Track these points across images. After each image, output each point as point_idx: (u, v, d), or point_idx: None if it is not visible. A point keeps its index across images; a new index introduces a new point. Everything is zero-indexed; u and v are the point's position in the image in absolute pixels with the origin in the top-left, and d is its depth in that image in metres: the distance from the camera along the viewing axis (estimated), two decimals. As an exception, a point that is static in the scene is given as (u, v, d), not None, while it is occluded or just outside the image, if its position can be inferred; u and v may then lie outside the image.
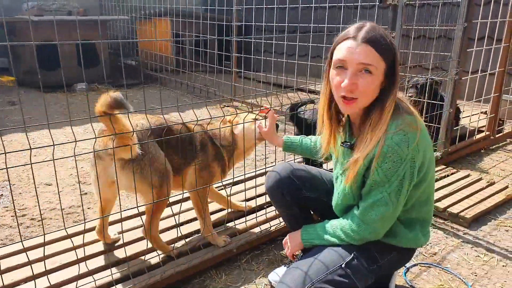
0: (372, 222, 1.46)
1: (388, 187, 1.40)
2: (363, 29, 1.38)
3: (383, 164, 1.38)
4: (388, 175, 1.38)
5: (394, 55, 1.40)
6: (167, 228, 2.27)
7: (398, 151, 1.36)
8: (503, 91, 4.13)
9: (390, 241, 1.56)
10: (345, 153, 1.56)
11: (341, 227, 1.55)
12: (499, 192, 2.98)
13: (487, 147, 4.11)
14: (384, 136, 1.37)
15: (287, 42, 5.19)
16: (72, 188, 2.96)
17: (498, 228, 2.63)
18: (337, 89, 1.41)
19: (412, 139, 1.37)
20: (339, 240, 1.54)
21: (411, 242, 1.58)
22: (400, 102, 1.47)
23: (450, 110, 3.41)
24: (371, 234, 1.49)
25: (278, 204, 1.84)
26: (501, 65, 4.03)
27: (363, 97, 1.39)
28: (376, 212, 1.44)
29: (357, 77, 1.36)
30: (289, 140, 1.98)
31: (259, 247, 2.31)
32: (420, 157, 1.40)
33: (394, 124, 1.39)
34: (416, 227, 1.58)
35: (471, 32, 3.37)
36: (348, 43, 1.37)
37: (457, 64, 3.32)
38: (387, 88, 1.41)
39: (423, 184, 1.49)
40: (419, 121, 1.45)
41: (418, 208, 1.55)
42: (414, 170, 1.40)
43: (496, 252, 2.37)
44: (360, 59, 1.35)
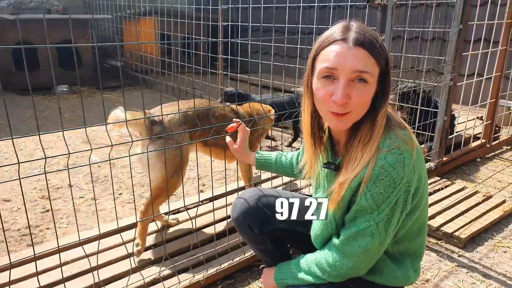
0: (354, 255, 1.21)
1: (376, 215, 1.16)
2: (351, 30, 1.13)
3: (373, 188, 1.14)
4: (378, 201, 1.14)
5: (387, 58, 1.16)
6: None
7: (392, 173, 1.11)
8: (499, 96, 3.93)
9: (374, 279, 1.32)
10: (329, 176, 1.31)
11: (316, 262, 1.31)
12: (496, 208, 2.77)
13: (483, 156, 3.90)
14: (376, 155, 1.14)
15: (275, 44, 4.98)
16: (33, 205, 2.72)
17: (495, 249, 2.41)
18: (325, 104, 1.16)
19: (408, 159, 1.13)
20: (314, 278, 1.30)
21: (399, 280, 1.33)
22: (391, 115, 1.23)
23: (445, 118, 3.19)
24: (351, 270, 1.24)
25: (247, 238, 1.60)
26: (497, 69, 3.82)
27: (358, 109, 1.14)
28: (360, 244, 1.20)
29: (350, 88, 1.11)
30: (262, 157, 1.75)
31: (232, 276, 2.07)
32: (415, 181, 1.17)
33: (387, 141, 1.15)
34: (405, 262, 1.34)
35: (467, 34, 3.16)
36: (336, 47, 1.11)
37: (452, 68, 3.11)
38: (379, 97, 1.16)
39: (416, 212, 1.25)
40: (413, 138, 1.21)
41: (410, 239, 1.31)
42: (408, 196, 1.16)
43: (493, 278, 2.15)
44: (355, 66, 1.09)
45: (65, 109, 5.16)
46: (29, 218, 2.56)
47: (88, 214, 2.62)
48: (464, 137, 3.72)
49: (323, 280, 1.29)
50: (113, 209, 2.72)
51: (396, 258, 1.33)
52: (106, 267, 1.95)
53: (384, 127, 1.17)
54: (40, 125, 4.50)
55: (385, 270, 1.31)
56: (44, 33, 5.01)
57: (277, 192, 1.57)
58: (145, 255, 2.05)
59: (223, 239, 2.15)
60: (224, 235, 2.17)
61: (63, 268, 1.87)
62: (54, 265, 1.92)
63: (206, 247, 2.11)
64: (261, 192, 1.54)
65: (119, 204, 2.80)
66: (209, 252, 2.03)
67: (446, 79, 3.13)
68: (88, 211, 2.67)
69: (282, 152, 1.76)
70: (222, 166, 3.51)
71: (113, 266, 1.95)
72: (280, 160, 1.72)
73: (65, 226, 2.50)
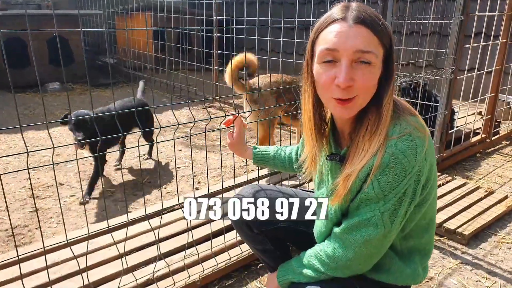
0: (354, 246, 1.12)
1: (382, 205, 1.06)
2: (351, 8, 1.04)
3: (381, 176, 1.04)
4: (385, 190, 1.05)
5: (391, 38, 1.07)
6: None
7: (403, 161, 1.02)
8: (499, 90, 3.87)
9: (381, 278, 1.24)
10: (333, 169, 1.22)
11: (315, 254, 1.22)
12: (499, 203, 2.71)
13: (483, 151, 3.84)
14: (385, 143, 1.05)
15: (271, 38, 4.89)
16: (22, 204, 2.62)
17: (499, 245, 2.35)
18: (327, 90, 1.06)
19: (421, 146, 1.04)
20: (314, 271, 1.22)
21: (408, 279, 1.24)
22: (399, 101, 1.14)
23: (445, 112, 3.13)
24: (351, 262, 1.14)
25: (246, 238, 1.51)
26: (498, 63, 3.76)
27: (364, 93, 1.05)
28: (362, 233, 1.10)
29: (353, 70, 1.01)
30: (259, 152, 1.66)
31: (230, 275, 1.99)
32: (427, 171, 1.08)
33: (397, 127, 1.06)
34: (414, 260, 1.25)
35: (467, 29, 3.10)
36: (336, 27, 1.02)
37: (453, 61, 3.04)
38: (384, 80, 1.07)
39: (425, 204, 1.15)
40: (424, 124, 1.12)
41: (419, 235, 1.22)
42: (418, 186, 1.07)
43: (498, 276, 2.09)
44: (357, 46, 1.00)
45: (57, 107, 5.05)
46: (18, 217, 2.47)
47: (79, 213, 2.53)
48: (464, 132, 3.65)
49: (322, 273, 1.20)
50: (104, 207, 2.63)
51: (404, 255, 1.24)
52: (96, 268, 1.86)
53: (392, 113, 1.09)
54: (30, 122, 4.40)
55: (392, 268, 1.23)
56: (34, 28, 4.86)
57: (277, 189, 1.49)
58: (138, 256, 1.96)
59: (220, 238, 2.06)
60: (220, 233, 2.09)
61: (52, 269, 1.79)
62: (42, 267, 1.82)
63: (202, 246, 2.03)
64: (260, 188, 1.45)
65: (112, 202, 2.70)
66: (205, 251, 1.95)
67: (446, 72, 3.06)
68: (79, 210, 2.58)
69: (280, 147, 1.68)
70: (217, 163, 3.43)
71: (103, 267, 1.86)
72: (278, 155, 1.64)
73: (55, 225, 2.41)
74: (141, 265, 1.90)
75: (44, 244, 1.44)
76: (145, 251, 2.00)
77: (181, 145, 3.78)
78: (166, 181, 3.09)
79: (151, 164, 3.42)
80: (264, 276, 2.01)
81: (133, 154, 3.52)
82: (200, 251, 1.92)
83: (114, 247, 1.89)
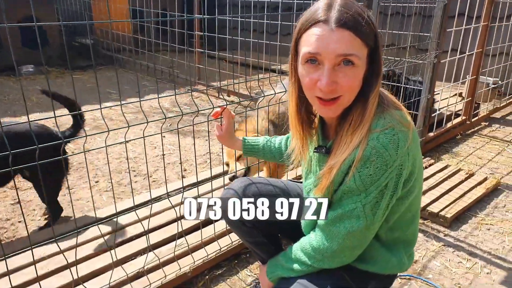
0: (338, 237, 1.15)
1: (364, 197, 1.09)
2: (334, 8, 1.02)
3: (363, 169, 1.06)
4: (366, 183, 1.07)
5: (376, 35, 1.06)
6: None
7: (384, 154, 1.04)
8: (480, 73, 3.94)
9: (368, 268, 1.27)
10: (320, 160, 1.23)
11: (301, 247, 1.24)
12: (478, 185, 2.79)
13: (463, 133, 3.93)
14: (368, 135, 1.06)
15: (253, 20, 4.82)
16: (2, 196, 2.55)
17: (479, 227, 2.43)
18: (311, 89, 1.07)
19: (403, 140, 1.05)
20: (302, 265, 1.24)
21: (395, 267, 1.29)
22: (385, 95, 1.15)
23: (429, 96, 3.17)
24: (336, 254, 1.17)
25: (238, 231, 1.51)
26: (479, 46, 3.81)
27: (348, 93, 1.06)
28: (345, 225, 1.13)
29: (336, 73, 1.02)
30: (248, 143, 1.65)
31: (220, 265, 2.00)
32: (409, 165, 1.10)
33: (381, 121, 1.07)
34: (399, 250, 1.29)
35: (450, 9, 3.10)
36: (318, 30, 1.02)
37: (437, 46, 3.06)
38: (370, 77, 1.08)
39: (409, 196, 1.18)
40: (409, 119, 1.14)
41: (404, 227, 1.26)
42: (400, 180, 1.09)
43: (479, 257, 2.17)
44: (339, 50, 1.00)
45: (32, 91, 4.87)
46: (-1, 210, 2.40)
47: (63, 205, 2.48)
48: (446, 114, 3.72)
49: (309, 266, 1.23)
50: (90, 198, 2.58)
51: (390, 245, 1.28)
52: (84, 262, 1.83)
53: (378, 107, 1.09)
54: (5, 109, 4.25)
55: (379, 258, 1.26)
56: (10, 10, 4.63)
57: (268, 181, 1.49)
58: (127, 248, 1.94)
59: (209, 227, 2.06)
60: (210, 222, 2.09)
61: (39, 265, 1.76)
62: (28, 262, 1.79)
63: (191, 236, 2.03)
64: (251, 182, 1.45)
65: (96, 193, 2.66)
66: (195, 242, 1.94)
67: (430, 56, 3.08)
68: (62, 201, 2.53)
69: (269, 137, 1.67)
70: (204, 149, 3.40)
71: (92, 261, 1.84)
72: (268, 146, 1.63)
73: (39, 218, 2.36)
74: (130, 258, 1.89)
75: (30, 239, 1.41)
76: (134, 243, 1.99)
77: (164, 131, 3.72)
78: (151, 169, 3.05)
79: (135, 152, 3.36)
80: (254, 264, 2.03)
81: (115, 140, 3.44)
82: (189, 241, 1.92)
83: (102, 239, 1.87)
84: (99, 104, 1.37)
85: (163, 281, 1.71)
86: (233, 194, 1.41)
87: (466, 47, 3.84)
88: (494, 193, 2.81)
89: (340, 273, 1.25)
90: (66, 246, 1.85)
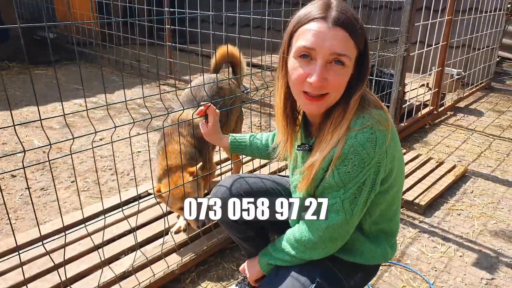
0: (318, 230, 1.20)
1: (343, 193, 1.14)
2: (332, 7, 1.06)
3: (341, 166, 1.11)
4: (344, 180, 1.12)
5: (366, 40, 1.11)
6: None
7: (361, 153, 1.09)
8: (445, 64, 4.10)
9: (357, 260, 1.32)
10: (304, 157, 1.27)
11: (287, 239, 1.30)
12: (448, 173, 2.94)
13: (432, 122, 4.09)
14: (346, 134, 1.10)
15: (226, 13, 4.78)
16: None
17: (450, 212, 2.56)
18: (300, 84, 1.10)
19: (381, 139, 1.10)
20: (287, 255, 1.29)
21: (380, 258, 1.35)
22: (367, 94, 1.19)
23: (400, 88, 3.27)
24: (317, 245, 1.22)
25: (229, 228, 1.53)
26: (444, 39, 3.97)
27: (335, 92, 1.10)
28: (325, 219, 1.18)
29: (327, 70, 1.06)
30: (235, 140, 1.66)
31: (206, 261, 2.01)
32: (387, 163, 1.15)
33: (360, 120, 1.11)
34: (383, 241, 1.35)
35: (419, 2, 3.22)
36: (316, 25, 1.05)
37: (406, 39, 3.16)
38: (356, 80, 1.12)
39: (390, 192, 1.24)
40: (389, 118, 1.19)
41: (387, 221, 1.32)
42: (378, 177, 1.14)
43: (452, 241, 2.29)
44: (334, 48, 1.03)
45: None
46: (-30, 216, 2.29)
47: (39, 207, 2.40)
48: (415, 105, 3.86)
49: (293, 256, 1.27)
50: (67, 199, 2.51)
51: (374, 237, 1.33)
52: (71, 263, 1.79)
53: (358, 106, 1.14)
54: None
55: (365, 250, 1.32)
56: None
57: (258, 178, 1.51)
58: (113, 247, 1.91)
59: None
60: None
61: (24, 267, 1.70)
62: (15, 265, 1.73)
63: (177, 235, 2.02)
64: (242, 179, 1.46)
65: (73, 193, 2.59)
66: (182, 240, 1.94)
67: (400, 50, 3.18)
68: (38, 203, 2.45)
69: (255, 134, 1.68)
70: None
71: (77, 262, 1.81)
72: (255, 142, 1.65)
73: (14, 221, 2.27)
74: (117, 257, 1.86)
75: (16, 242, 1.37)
76: (120, 241, 1.96)
77: (139, 127, 3.66)
78: (129, 167, 3.00)
79: (109, 150, 3.29)
80: (239, 259, 2.06)
81: (89, 138, 3.35)
82: (175, 238, 1.92)
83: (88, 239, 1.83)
84: (61, 103, 1.33)
85: (151, 279, 1.71)
86: (225, 191, 1.42)
87: (432, 40, 3.99)
88: (462, 179, 2.96)
89: (329, 265, 1.31)
90: (52, 247, 1.80)
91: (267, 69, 4.18)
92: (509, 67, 6.78)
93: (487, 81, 5.44)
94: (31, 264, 1.78)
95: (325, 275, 1.28)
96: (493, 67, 5.67)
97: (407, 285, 1.94)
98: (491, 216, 2.53)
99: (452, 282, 1.98)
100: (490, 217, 2.52)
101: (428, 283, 1.96)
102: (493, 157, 3.36)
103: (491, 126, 4.08)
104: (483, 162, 3.26)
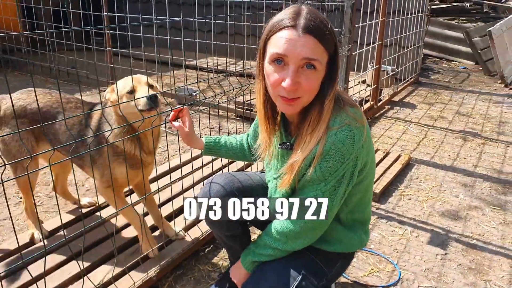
0: (299, 221, 1.27)
1: (323, 186, 1.23)
2: (301, 15, 1.13)
3: (323, 162, 1.20)
4: (325, 174, 1.21)
5: (336, 44, 1.19)
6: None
7: (341, 149, 1.18)
8: (381, 62, 4.41)
9: (337, 249, 1.41)
10: (285, 155, 1.34)
11: (267, 232, 1.35)
12: (395, 162, 3.17)
13: (373, 116, 4.38)
14: (326, 133, 1.19)
15: (169, 19, 4.70)
16: None
17: (402, 198, 2.77)
18: (275, 88, 1.18)
19: (358, 135, 1.20)
20: (269, 249, 1.34)
21: (357, 245, 1.45)
22: (340, 94, 1.28)
23: (345, 85, 3.47)
24: (298, 235, 1.29)
25: (216, 226, 1.53)
26: (379, 39, 4.27)
27: (307, 94, 1.18)
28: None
29: (299, 75, 1.14)
30: (210, 140, 1.66)
31: (180, 265, 1.99)
32: (364, 156, 1.25)
33: (338, 118, 1.20)
34: (358, 228, 1.45)
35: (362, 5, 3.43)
36: (287, 33, 1.12)
37: (348, 40, 3.36)
38: (328, 81, 1.21)
39: (364, 182, 1.34)
40: (363, 115, 1.29)
41: (362, 210, 1.42)
42: (355, 170, 1.24)
43: (407, 224, 2.48)
44: (305, 54, 1.11)
45: None
46: None
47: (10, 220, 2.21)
48: (358, 101, 4.10)
49: (275, 249, 1.32)
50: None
51: (350, 226, 1.43)
52: (51, 274, 1.69)
53: (334, 105, 1.23)
54: None
55: (343, 239, 1.41)
56: None
57: (248, 176, 1.54)
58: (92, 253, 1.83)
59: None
60: (169, 220, 2.06)
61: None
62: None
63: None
64: (233, 176, 1.48)
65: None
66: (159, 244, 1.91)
67: (344, 50, 3.37)
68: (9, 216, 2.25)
69: (229, 136, 1.71)
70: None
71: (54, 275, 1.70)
72: (230, 143, 1.67)
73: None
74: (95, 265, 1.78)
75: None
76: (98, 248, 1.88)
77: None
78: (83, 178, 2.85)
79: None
80: (214, 260, 2.06)
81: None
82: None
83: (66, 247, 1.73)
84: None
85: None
86: (219, 188, 1.43)
87: (365, 39, 4.27)
88: (408, 167, 3.21)
89: (311, 257, 1.38)
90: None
91: (211, 72, 4.18)
92: (431, 63, 7.44)
93: (415, 76, 5.93)
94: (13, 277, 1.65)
95: (309, 266, 1.34)
96: (419, 64, 6.20)
97: (374, 268, 2.08)
98: (437, 198, 2.78)
99: (412, 260, 2.15)
100: (435, 199, 2.77)
101: (392, 264, 2.11)
102: (430, 145, 3.68)
103: (424, 117, 4.46)
104: (422, 150, 3.56)
